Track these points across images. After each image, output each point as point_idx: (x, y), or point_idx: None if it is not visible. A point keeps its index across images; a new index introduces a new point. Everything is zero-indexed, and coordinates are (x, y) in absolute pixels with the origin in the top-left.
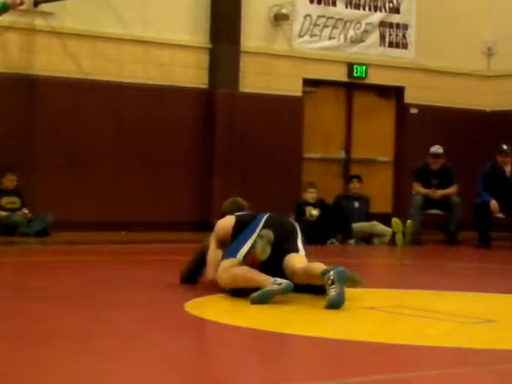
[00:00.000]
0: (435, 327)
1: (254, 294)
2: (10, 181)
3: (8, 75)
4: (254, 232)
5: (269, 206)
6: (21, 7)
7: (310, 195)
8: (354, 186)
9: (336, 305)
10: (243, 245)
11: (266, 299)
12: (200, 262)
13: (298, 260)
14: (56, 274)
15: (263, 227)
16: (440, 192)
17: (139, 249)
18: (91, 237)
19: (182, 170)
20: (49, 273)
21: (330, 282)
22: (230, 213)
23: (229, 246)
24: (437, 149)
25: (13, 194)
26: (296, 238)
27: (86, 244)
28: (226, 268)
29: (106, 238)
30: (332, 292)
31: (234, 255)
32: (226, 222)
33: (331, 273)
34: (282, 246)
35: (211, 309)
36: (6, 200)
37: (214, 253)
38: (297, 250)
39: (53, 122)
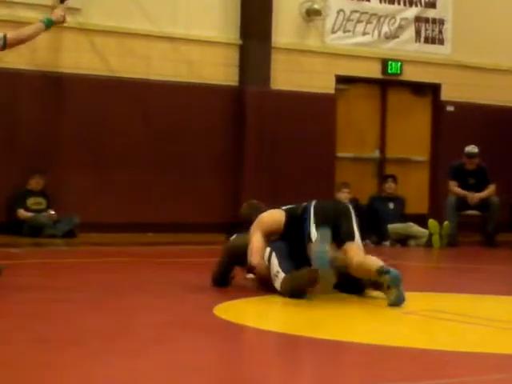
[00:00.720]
0: (474, 332)
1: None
2: (37, 183)
3: (34, 73)
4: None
5: None
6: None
7: (344, 195)
8: (389, 186)
9: (397, 306)
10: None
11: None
12: (230, 263)
13: (355, 253)
14: (83, 275)
15: (315, 220)
16: (478, 196)
17: (167, 251)
18: (118, 238)
19: (211, 169)
20: (75, 274)
21: (386, 286)
22: (250, 217)
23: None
24: (471, 148)
25: (39, 194)
26: (351, 221)
27: (112, 245)
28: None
29: (133, 239)
30: (391, 297)
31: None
32: (275, 216)
33: (387, 277)
34: (338, 230)
35: (241, 312)
36: (32, 201)
37: (259, 242)
38: (353, 236)
39: (80, 122)
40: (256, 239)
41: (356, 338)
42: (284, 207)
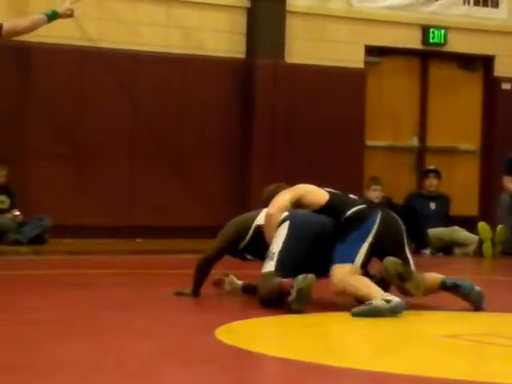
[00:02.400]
0: None
1: (358, 308)
2: None
3: None
4: (368, 233)
5: None
6: None
7: (374, 193)
8: (431, 182)
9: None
10: (359, 248)
11: (370, 315)
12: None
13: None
14: (53, 291)
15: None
16: None
17: (158, 260)
18: (98, 245)
19: (213, 162)
20: (44, 290)
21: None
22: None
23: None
24: None
25: (1, 191)
26: (405, 246)
27: (91, 254)
28: (345, 274)
29: (117, 247)
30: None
31: (350, 260)
32: (317, 191)
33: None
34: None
35: (249, 335)
36: None
37: (277, 216)
38: (408, 262)
39: (52, 102)
40: (283, 198)
41: (388, 367)
42: (329, 190)
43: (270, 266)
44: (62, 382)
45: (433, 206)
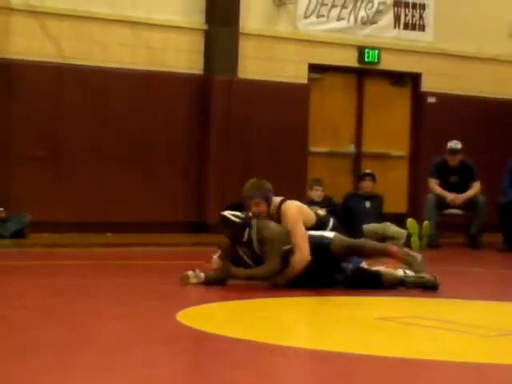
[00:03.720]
0: (454, 340)
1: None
2: None
3: None
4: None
5: None
6: None
7: (316, 193)
8: (367, 184)
9: None
10: None
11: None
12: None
13: None
14: (33, 280)
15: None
16: (461, 198)
17: (126, 252)
18: (73, 239)
19: (175, 165)
20: (25, 279)
21: None
22: (261, 191)
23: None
24: (454, 144)
25: None
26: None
27: (66, 247)
28: None
29: (90, 240)
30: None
31: None
32: (308, 210)
33: None
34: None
35: (206, 319)
36: None
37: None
38: None
39: (30, 112)
40: (303, 229)
41: (327, 346)
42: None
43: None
44: (42, 360)
45: (368, 204)
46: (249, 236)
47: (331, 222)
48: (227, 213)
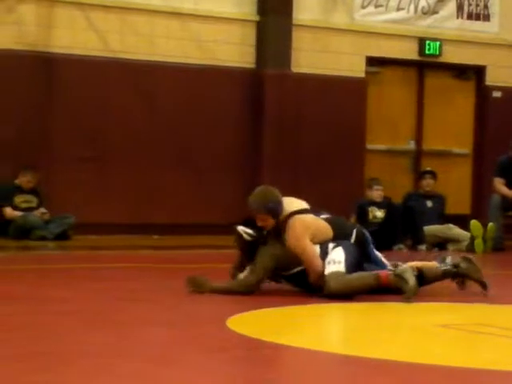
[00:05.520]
0: None
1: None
2: (29, 182)
3: (23, 53)
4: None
5: (326, 206)
6: None
7: (375, 193)
8: (427, 182)
9: None
10: None
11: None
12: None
13: None
14: (77, 284)
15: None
16: None
17: (173, 255)
18: (118, 241)
19: (226, 164)
20: (69, 283)
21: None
22: (269, 206)
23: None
24: None
25: (29, 192)
26: None
27: (111, 250)
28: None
29: (135, 242)
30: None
31: None
32: (322, 224)
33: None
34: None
35: (259, 325)
36: (20, 198)
37: (314, 248)
38: None
39: (75, 110)
40: (311, 245)
41: (388, 355)
42: (324, 216)
43: (336, 267)
44: (86, 367)
45: (429, 204)
46: None
47: (353, 234)
48: (241, 228)
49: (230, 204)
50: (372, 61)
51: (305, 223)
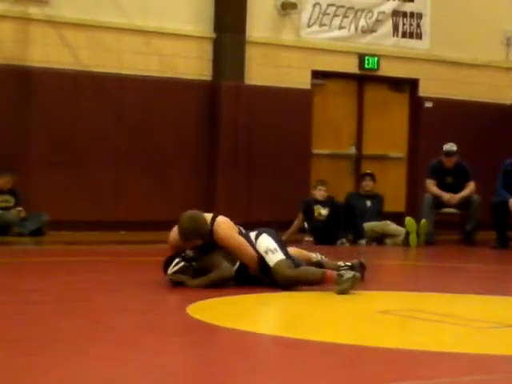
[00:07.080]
0: (451, 332)
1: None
2: (6, 183)
3: (1, 67)
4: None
5: (276, 205)
6: None
7: (320, 193)
8: (367, 184)
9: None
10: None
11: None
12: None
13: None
14: (51, 275)
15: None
16: (457, 197)
17: (139, 249)
18: (88, 237)
19: (185, 166)
20: (43, 274)
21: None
22: (198, 231)
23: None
24: (450, 146)
25: (7, 192)
26: None
27: (82, 244)
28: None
29: (104, 238)
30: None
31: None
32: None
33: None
34: None
35: (216, 312)
36: None
37: (244, 239)
38: None
39: (49, 117)
40: (241, 238)
41: (331, 338)
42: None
43: (279, 255)
44: (59, 352)
45: (369, 203)
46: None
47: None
48: (170, 273)
49: (189, 202)
50: (317, 74)
51: (227, 221)
